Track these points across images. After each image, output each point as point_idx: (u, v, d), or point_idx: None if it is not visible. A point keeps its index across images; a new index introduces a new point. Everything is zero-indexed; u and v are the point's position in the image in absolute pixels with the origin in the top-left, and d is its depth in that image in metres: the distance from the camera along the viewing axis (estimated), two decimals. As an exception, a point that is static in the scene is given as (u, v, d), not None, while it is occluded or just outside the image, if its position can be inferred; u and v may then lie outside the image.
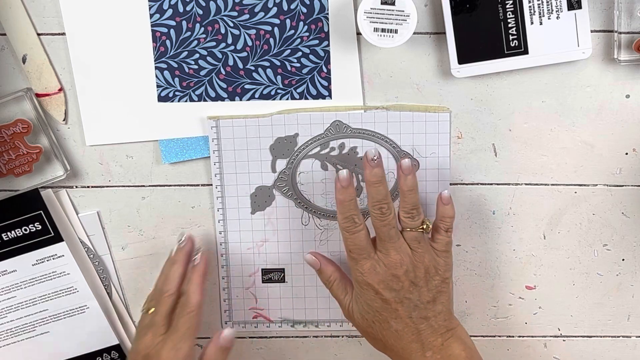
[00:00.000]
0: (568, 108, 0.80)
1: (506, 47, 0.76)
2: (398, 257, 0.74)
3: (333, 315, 0.85)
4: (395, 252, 0.75)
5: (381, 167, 0.75)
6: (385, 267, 0.75)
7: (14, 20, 0.78)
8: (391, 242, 0.75)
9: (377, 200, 0.74)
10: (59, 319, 0.85)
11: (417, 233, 0.75)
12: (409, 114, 0.79)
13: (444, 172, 0.81)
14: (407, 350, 0.75)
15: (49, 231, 0.82)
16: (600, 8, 0.77)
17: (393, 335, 0.76)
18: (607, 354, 0.87)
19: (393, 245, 0.75)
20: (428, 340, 0.75)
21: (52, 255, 0.82)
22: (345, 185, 0.75)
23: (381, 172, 0.75)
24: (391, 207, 0.75)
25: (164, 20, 0.78)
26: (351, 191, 0.75)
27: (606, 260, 0.84)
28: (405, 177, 0.75)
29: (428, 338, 0.75)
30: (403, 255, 0.75)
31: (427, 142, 0.80)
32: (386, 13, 0.73)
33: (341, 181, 0.75)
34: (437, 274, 0.76)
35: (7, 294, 0.83)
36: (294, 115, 0.80)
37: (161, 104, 0.80)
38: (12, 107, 0.80)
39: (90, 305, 0.84)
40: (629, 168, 0.81)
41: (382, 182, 0.75)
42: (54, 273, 0.83)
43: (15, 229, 0.81)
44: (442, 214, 0.77)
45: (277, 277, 0.85)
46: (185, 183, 0.83)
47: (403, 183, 0.75)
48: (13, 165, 0.79)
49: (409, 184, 0.75)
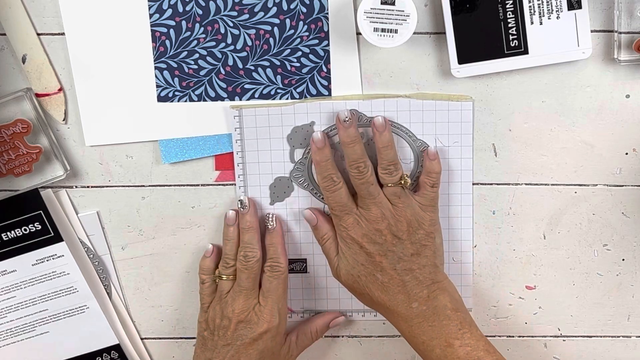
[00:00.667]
0: (568, 108, 0.80)
1: (506, 47, 0.76)
2: (379, 212, 0.77)
3: (355, 305, 0.85)
4: (376, 208, 0.77)
5: (354, 127, 0.77)
6: (367, 222, 0.77)
7: (14, 20, 0.78)
8: (371, 198, 0.77)
9: (354, 159, 0.77)
10: (58, 319, 0.85)
11: (397, 188, 0.77)
12: (431, 102, 0.79)
13: (467, 162, 0.81)
14: (393, 302, 0.77)
15: (49, 231, 0.82)
16: (600, 8, 0.77)
17: (379, 287, 0.77)
18: (607, 354, 0.87)
19: (373, 201, 0.77)
20: (414, 292, 0.77)
21: (52, 255, 0.82)
22: (320, 147, 0.78)
23: (354, 132, 0.77)
24: (368, 164, 0.77)
25: (163, 20, 0.78)
26: (327, 152, 0.78)
27: (606, 260, 0.84)
28: (380, 134, 0.77)
29: (413, 289, 0.77)
30: (384, 210, 0.77)
31: (450, 131, 0.80)
32: (386, 13, 0.73)
33: (316, 143, 0.78)
34: (421, 227, 0.78)
35: (7, 293, 0.83)
36: (316, 103, 0.80)
37: (161, 104, 0.80)
38: (12, 107, 0.80)
39: (90, 305, 0.84)
40: (629, 168, 0.81)
41: (357, 141, 0.77)
42: (54, 273, 0.83)
43: (15, 229, 0.81)
44: (428, 169, 0.79)
45: (299, 268, 0.85)
46: (185, 183, 0.83)
47: (378, 139, 0.78)
48: (13, 165, 0.79)
49: (384, 140, 0.77)
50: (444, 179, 0.81)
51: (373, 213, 0.77)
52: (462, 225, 0.83)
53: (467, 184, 0.82)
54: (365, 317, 0.86)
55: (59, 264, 0.83)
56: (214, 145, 0.82)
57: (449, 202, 0.82)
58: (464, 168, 0.81)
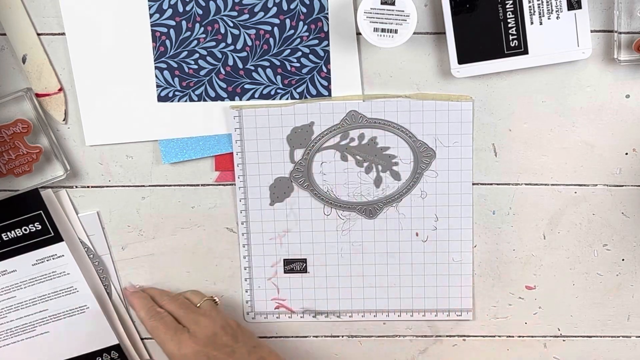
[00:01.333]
0: (568, 108, 0.80)
1: (506, 47, 0.76)
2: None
3: (355, 305, 0.85)
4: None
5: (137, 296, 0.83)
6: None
7: (14, 20, 0.78)
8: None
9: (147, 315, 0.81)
10: (59, 319, 0.85)
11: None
12: (431, 102, 0.79)
13: (467, 162, 0.81)
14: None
15: (49, 231, 0.82)
16: (600, 8, 0.77)
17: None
18: (607, 354, 0.87)
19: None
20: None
21: (52, 255, 0.82)
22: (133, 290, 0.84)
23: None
24: (158, 310, 0.81)
25: (163, 20, 0.78)
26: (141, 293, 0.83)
27: (606, 260, 0.84)
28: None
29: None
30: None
31: (450, 131, 0.80)
32: (386, 13, 0.73)
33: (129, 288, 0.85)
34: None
35: (7, 293, 0.83)
36: (316, 104, 0.80)
37: (161, 104, 0.80)
38: (12, 107, 0.80)
39: (90, 305, 0.84)
40: (629, 168, 0.81)
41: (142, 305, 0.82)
42: (54, 273, 0.83)
43: (15, 229, 0.81)
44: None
45: (299, 268, 0.85)
46: (185, 183, 0.83)
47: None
48: (13, 165, 0.79)
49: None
50: (444, 179, 0.82)
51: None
52: (462, 225, 0.83)
53: (467, 184, 0.82)
54: (365, 317, 0.86)
55: (59, 264, 0.83)
56: (214, 146, 0.82)
57: (449, 202, 0.82)
58: (463, 168, 0.81)
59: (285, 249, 0.84)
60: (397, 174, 0.82)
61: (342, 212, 0.83)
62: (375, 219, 0.83)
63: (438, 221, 0.83)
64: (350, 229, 0.84)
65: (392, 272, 0.84)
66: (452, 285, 0.84)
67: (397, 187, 0.82)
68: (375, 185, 0.82)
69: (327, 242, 0.84)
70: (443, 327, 0.86)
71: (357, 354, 0.88)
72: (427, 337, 0.87)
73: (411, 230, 0.83)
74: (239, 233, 0.84)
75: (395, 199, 0.82)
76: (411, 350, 0.87)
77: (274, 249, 0.85)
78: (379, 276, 0.85)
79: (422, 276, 0.84)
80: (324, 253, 0.84)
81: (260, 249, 0.84)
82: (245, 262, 0.85)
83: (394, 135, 0.80)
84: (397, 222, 0.83)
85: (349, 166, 0.82)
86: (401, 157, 0.81)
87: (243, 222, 0.84)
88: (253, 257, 0.85)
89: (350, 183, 0.82)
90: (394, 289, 0.85)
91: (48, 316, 0.84)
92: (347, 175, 0.82)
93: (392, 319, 0.86)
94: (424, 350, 0.87)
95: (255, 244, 0.84)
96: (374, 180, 0.82)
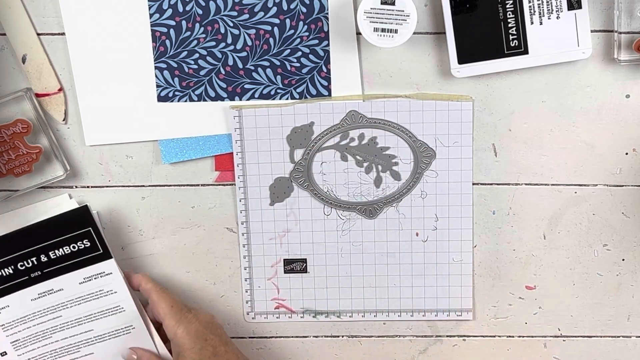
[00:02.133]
0: (568, 108, 0.80)
1: (506, 47, 0.76)
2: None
3: (355, 305, 0.86)
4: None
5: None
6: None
7: (14, 20, 0.78)
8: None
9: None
10: (104, 339, 0.82)
11: None
12: (431, 102, 0.79)
13: (467, 162, 0.81)
14: None
15: (98, 248, 0.79)
16: (600, 8, 0.77)
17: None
18: (607, 354, 0.87)
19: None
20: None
21: (100, 273, 0.80)
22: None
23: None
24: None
25: (163, 20, 0.78)
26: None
27: (606, 260, 0.84)
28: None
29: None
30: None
31: (450, 131, 0.80)
32: (386, 13, 0.73)
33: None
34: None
35: (52, 313, 0.80)
36: (316, 104, 0.80)
37: (161, 104, 0.80)
38: (12, 107, 0.80)
39: (135, 325, 0.82)
40: (629, 168, 0.81)
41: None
42: (101, 292, 0.80)
43: (63, 246, 0.79)
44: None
45: (299, 268, 0.85)
46: (185, 183, 0.83)
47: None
48: (13, 165, 0.79)
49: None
50: (444, 179, 0.82)
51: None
52: (462, 225, 0.83)
53: (467, 184, 0.82)
54: (365, 317, 0.86)
55: (106, 281, 0.80)
56: (214, 146, 0.82)
57: (449, 202, 0.82)
58: (463, 168, 0.81)
59: (285, 249, 0.85)
60: (397, 174, 0.82)
61: (342, 212, 0.83)
62: (375, 219, 0.83)
63: (438, 221, 0.83)
64: (351, 229, 0.84)
65: (392, 272, 0.85)
66: (452, 286, 0.84)
67: (397, 187, 0.82)
68: (375, 185, 0.82)
69: (327, 242, 0.84)
70: (443, 327, 0.86)
71: (357, 354, 0.88)
72: (427, 337, 0.87)
73: (411, 230, 0.83)
74: (239, 233, 0.84)
75: (395, 199, 0.83)
76: (411, 350, 0.87)
77: (274, 249, 0.85)
78: (379, 276, 0.85)
79: (422, 276, 0.84)
80: (324, 253, 0.84)
81: (260, 249, 0.84)
82: (245, 262, 0.85)
83: (394, 135, 0.80)
84: (397, 222, 0.83)
85: (349, 166, 0.82)
86: (401, 157, 0.81)
87: (243, 222, 0.84)
88: (253, 257, 0.85)
89: (350, 183, 0.82)
90: (394, 289, 0.85)
91: (93, 337, 0.82)
92: (347, 175, 0.82)
93: (392, 319, 0.86)
94: (424, 350, 0.87)
95: (255, 244, 0.84)
96: (374, 180, 0.82)
